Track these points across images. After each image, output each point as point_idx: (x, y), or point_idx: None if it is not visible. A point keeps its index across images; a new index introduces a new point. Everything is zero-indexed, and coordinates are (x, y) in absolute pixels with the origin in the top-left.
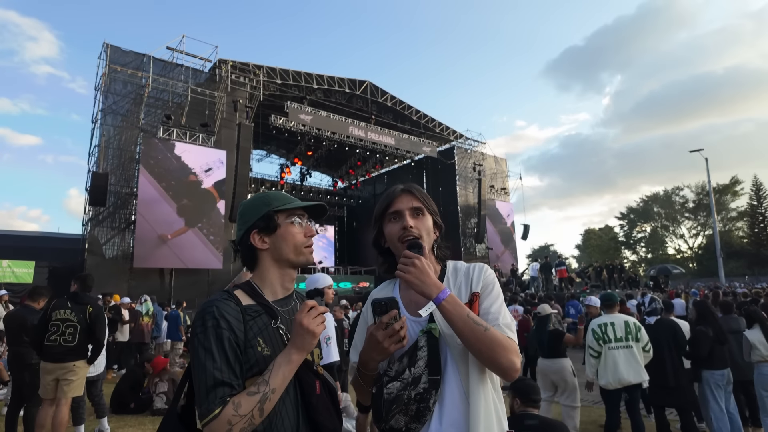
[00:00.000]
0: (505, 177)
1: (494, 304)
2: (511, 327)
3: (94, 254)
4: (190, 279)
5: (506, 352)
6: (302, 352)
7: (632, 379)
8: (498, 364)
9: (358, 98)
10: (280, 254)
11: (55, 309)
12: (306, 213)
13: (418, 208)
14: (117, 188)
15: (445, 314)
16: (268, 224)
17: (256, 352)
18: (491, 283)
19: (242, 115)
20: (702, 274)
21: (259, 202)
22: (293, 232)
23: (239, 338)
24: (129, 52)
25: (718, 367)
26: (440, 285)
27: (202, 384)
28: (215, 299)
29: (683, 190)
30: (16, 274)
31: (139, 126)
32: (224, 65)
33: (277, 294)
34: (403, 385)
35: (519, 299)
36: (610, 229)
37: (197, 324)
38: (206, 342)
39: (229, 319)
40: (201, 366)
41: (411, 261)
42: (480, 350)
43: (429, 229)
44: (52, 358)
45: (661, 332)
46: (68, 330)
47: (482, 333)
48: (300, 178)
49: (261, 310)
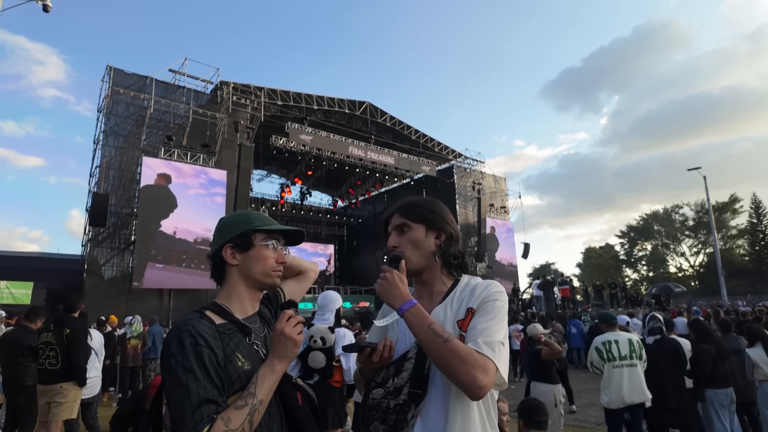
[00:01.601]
0: (505, 196)
1: (482, 321)
2: (492, 345)
3: (93, 275)
4: (188, 299)
5: (466, 366)
6: (285, 361)
7: (636, 399)
8: (457, 378)
9: (358, 119)
10: (248, 273)
11: (42, 332)
12: (283, 238)
13: (401, 225)
14: (117, 209)
15: (408, 324)
16: (243, 242)
17: (237, 367)
18: (489, 300)
19: (243, 135)
20: (704, 293)
21: (240, 219)
22: (266, 255)
23: (218, 356)
24: (132, 75)
25: (721, 386)
26: (406, 296)
27: (186, 404)
28: (188, 318)
29: (683, 208)
30: (14, 295)
31: (140, 147)
32: (226, 87)
33: (246, 311)
34: (385, 392)
35: (520, 318)
36: (610, 248)
37: (172, 344)
38: (185, 361)
39: (207, 337)
40: (182, 386)
41: (384, 275)
42: (438, 363)
43: (416, 240)
44: (42, 380)
45: (662, 351)
46: (51, 353)
47: (441, 345)
48: (300, 198)
49: (234, 327)
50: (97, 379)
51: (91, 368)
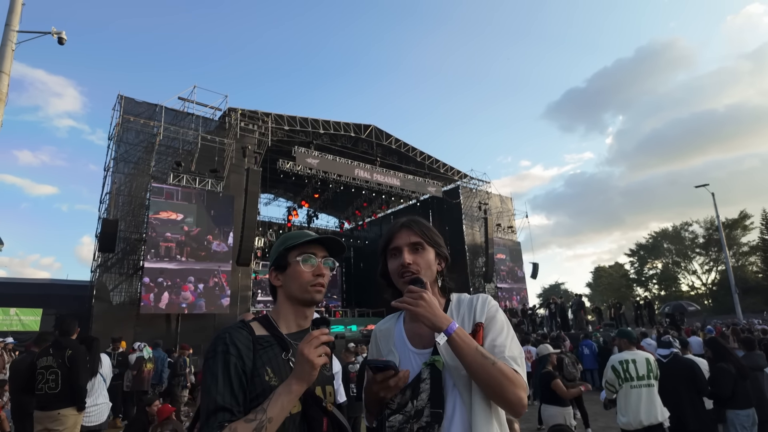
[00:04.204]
0: (512, 216)
1: (500, 336)
2: (517, 360)
3: (102, 300)
4: (196, 324)
5: (514, 386)
6: (302, 383)
7: (654, 419)
8: (506, 399)
9: (364, 141)
10: (290, 292)
11: (40, 357)
12: (325, 249)
13: (416, 243)
14: (126, 234)
15: (455, 347)
16: (280, 263)
17: (263, 381)
18: (495, 314)
19: (251, 160)
20: (718, 311)
21: (279, 242)
22: (299, 270)
23: (247, 365)
24: (142, 103)
25: (743, 407)
26: (448, 318)
27: (204, 408)
28: (229, 327)
29: (692, 226)
30: (23, 321)
31: (149, 173)
32: (234, 113)
33: (291, 328)
34: (405, 418)
35: (531, 339)
36: (620, 267)
37: (210, 350)
38: (214, 367)
39: (239, 346)
40: (206, 390)
41: (419, 295)
42: (489, 384)
43: (429, 262)
44: (39, 406)
45: (677, 371)
46: (51, 377)
47: (491, 367)
48: (307, 221)
49: (273, 341)
50: (105, 406)
51: (99, 395)
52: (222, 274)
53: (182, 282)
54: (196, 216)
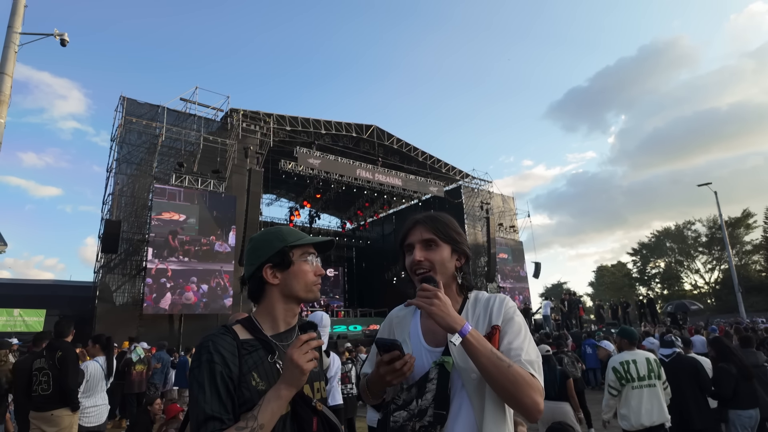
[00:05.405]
0: (514, 215)
1: (516, 339)
2: (533, 364)
3: (105, 301)
4: (199, 325)
5: (530, 390)
6: (291, 388)
7: (656, 420)
8: (521, 403)
9: (365, 142)
10: (290, 290)
11: (35, 359)
12: (316, 250)
13: (429, 240)
14: (129, 235)
15: (469, 349)
16: (282, 260)
17: (251, 386)
18: (513, 316)
19: (253, 161)
20: (721, 310)
21: (273, 236)
22: (306, 270)
23: (233, 372)
24: (144, 104)
25: (745, 407)
26: (462, 319)
27: (194, 419)
28: (212, 334)
29: (695, 225)
30: (27, 322)
31: (152, 174)
32: (235, 114)
33: (278, 328)
34: (409, 415)
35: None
36: (623, 266)
37: (194, 359)
38: (200, 376)
39: (224, 353)
40: (194, 401)
41: (433, 293)
42: (503, 387)
43: (444, 259)
44: (34, 408)
45: (681, 370)
46: (43, 378)
47: (506, 369)
48: (309, 221)
49: (258, 344)
50: (104, 408)
51: (97, 396)
52: (224, 274)
53: (185, 282)
54: (198, 217)
